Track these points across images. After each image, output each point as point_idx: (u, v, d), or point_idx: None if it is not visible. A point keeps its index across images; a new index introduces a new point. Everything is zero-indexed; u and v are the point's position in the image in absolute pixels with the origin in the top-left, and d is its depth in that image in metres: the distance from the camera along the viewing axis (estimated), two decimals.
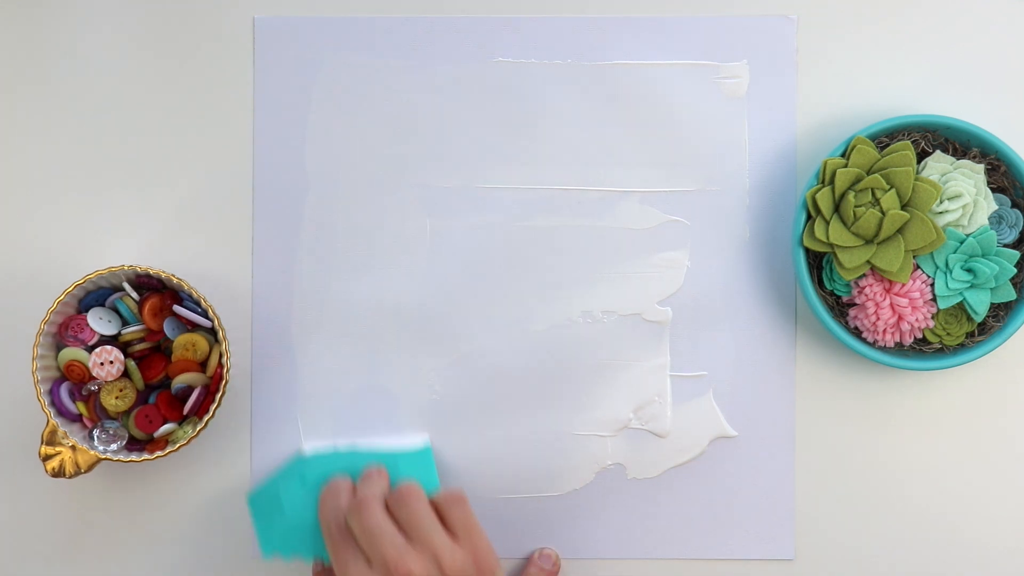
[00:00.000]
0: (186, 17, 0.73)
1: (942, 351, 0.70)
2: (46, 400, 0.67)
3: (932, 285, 0.69)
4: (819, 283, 0.70)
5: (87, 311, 0.69)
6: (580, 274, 0.72)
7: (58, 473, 0.68)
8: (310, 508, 0.67)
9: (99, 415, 0.69)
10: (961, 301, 0.69)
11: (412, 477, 0.68)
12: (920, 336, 0.70)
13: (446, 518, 0.64)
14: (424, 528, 0.63)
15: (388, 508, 0.64)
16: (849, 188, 0.68)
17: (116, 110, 0.73)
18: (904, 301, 0.68)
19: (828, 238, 0.68)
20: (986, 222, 0.69)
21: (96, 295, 0.69)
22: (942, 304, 0.69)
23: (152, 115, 0.73)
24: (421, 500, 0.64)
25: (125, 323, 0.70)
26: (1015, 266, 0.69)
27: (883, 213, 0.68)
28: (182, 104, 0.73)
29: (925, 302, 0.69)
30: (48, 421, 0.68)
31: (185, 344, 0.69)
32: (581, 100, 0.72)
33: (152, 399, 0.70)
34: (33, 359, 0.67)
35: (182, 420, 0.70)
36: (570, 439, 0.72)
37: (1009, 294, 0.69)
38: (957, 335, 0.70)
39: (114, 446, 0.69)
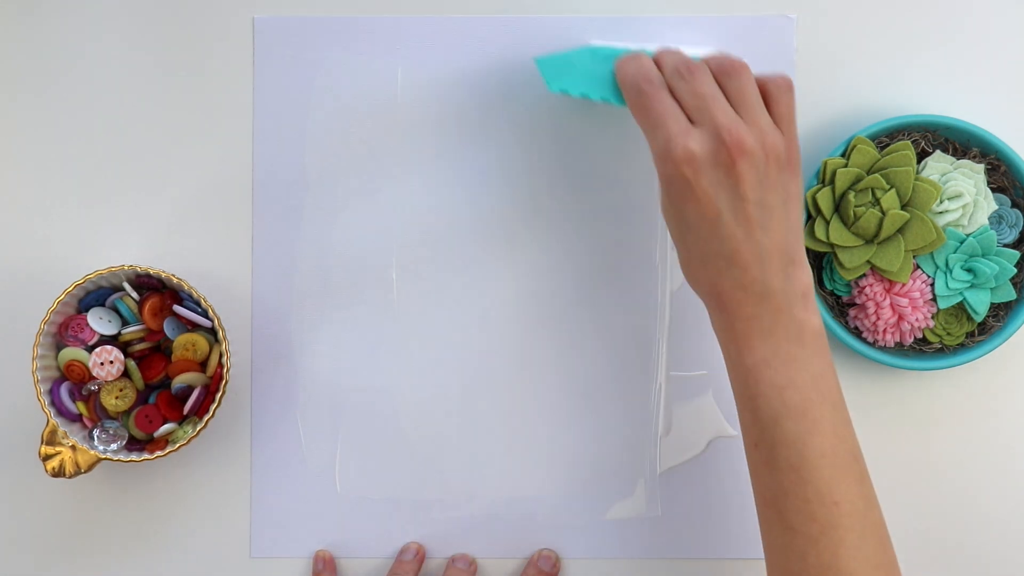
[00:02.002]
0: (186, 17, 0.73)
1: (942, 351, 0.70)
2: (46, 400, 0.67)
3: (932, 285, 0.69)
4: (819, 283, 0.70)
5: (87, 311, 0.69)
6: (581, 275, 0.72)
7: (58, 473, 0.68)
8: (602, 68, 0.65)
9: (99, 415, 0.69)
10: (961, 301, 0.69)
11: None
12: (920, 336, 0.70)
13: (772, 103, 0.62)
14: (753, 105, 0.61)
15: (715, 76, 0.63)
16: (849, 188, 0.68)
17: (116, 110, 0.73)
18: (904, 301, 0.68)
19: (828, 238, 0.68)
20: (986, 222, 0.69)
21: (96, 295, 0.69)
22: (942, 304, 0.69)
23: (152, 115, 0.73)
24: (751, 78, 0.63)
25: (125, 323, 0.70)
26: (1015, 266, 0.69)
27: (883, 213, 0.68)
28: (182, 104, 0.73)
29: (925, 302, 0.69)
30: (48, 421, 0.68)
31: (185, 344, 0.69)
32: (581, 99, 0.72)
33: (152, 399, 0.70)
34: (33, 359, 0.67)
35: (182, 420, 0.70)
36: (571, 439, 0.72)
37: (1009, 294, 0.69)
38: (957, 335, 0.70)
39: (114, 446, 0.69)
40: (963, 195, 0.68)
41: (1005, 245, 0.70)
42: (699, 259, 0.61)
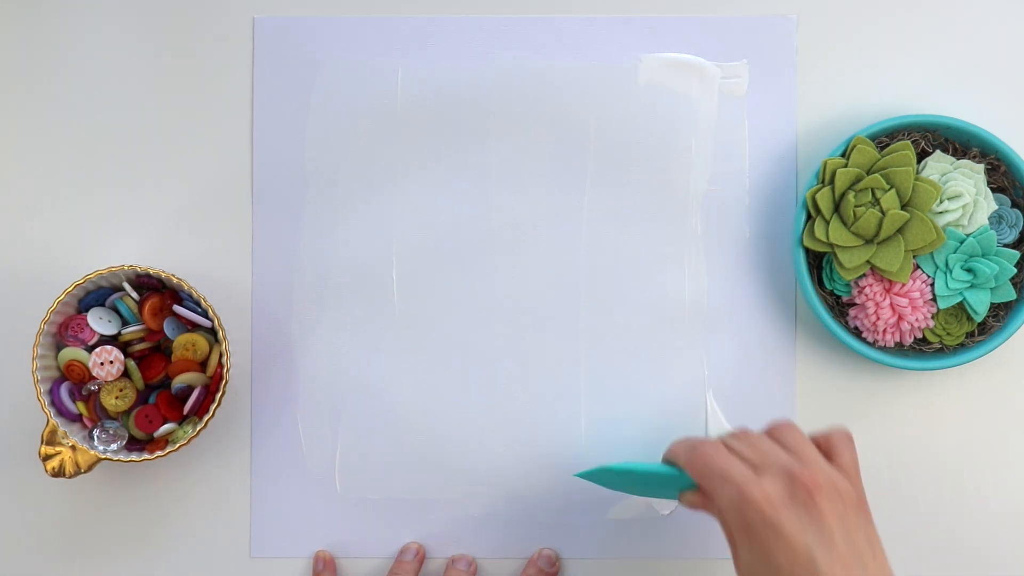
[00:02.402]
0: (186, 17, 0.73)
1: (942, 351, 0.70)
2: (46, 400, 0.67)
3: (932, 285, 0.69)
4: (819, 283, 0.70)
5: (87, 311, 0.69)
6: (582, 275, 0.72)
7: (58, 473, 0.68)
8: (639, 470, 0.65)
9: (99, 415, 0.69)
10: (961, 301, 0.69)
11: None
12: (920, 336, 0.70)
13: (836, 456, 0.61)
14: (812, 455, 0.60)
15: (770, 435, 0.62)
16: (849, 188, 0.68)
17: (116, 110, 0.73)
18: (904, 301, 0.68)
19: (828, 238, 0.68)
20: (986, 222, 0.69)
21: (96, 295, 0.69)
22: (942, 304, 0.69)
23: (152, 115, 0.73)
24: (801, 431, 0.62)
25: (125, 323, 0.70)
26: (1015, 266, 0.69)
27: (883, 213, 0.68)
28: (182, 104, 0.73)
29: (925, 302, 0.69)
30: (48, 421, 0.68)
31: (185, 344, 0.69)
32: (582, 99, 0.72)
33: (152, 399, 0.70)
34: (33, 359, 0.67)
35: (182, 420, 0.70)
36: (571, 439, 0.72)
37: (1009, 294, 0.69)
38: (957, 335, 0.70)
39: (114, 446, 0.69)
40: (963, 195, 0.68)
41: (1005, 245, 0.70)
42: None
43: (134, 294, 0.69)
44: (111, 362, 0.68)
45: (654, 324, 0.72)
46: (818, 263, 0.70)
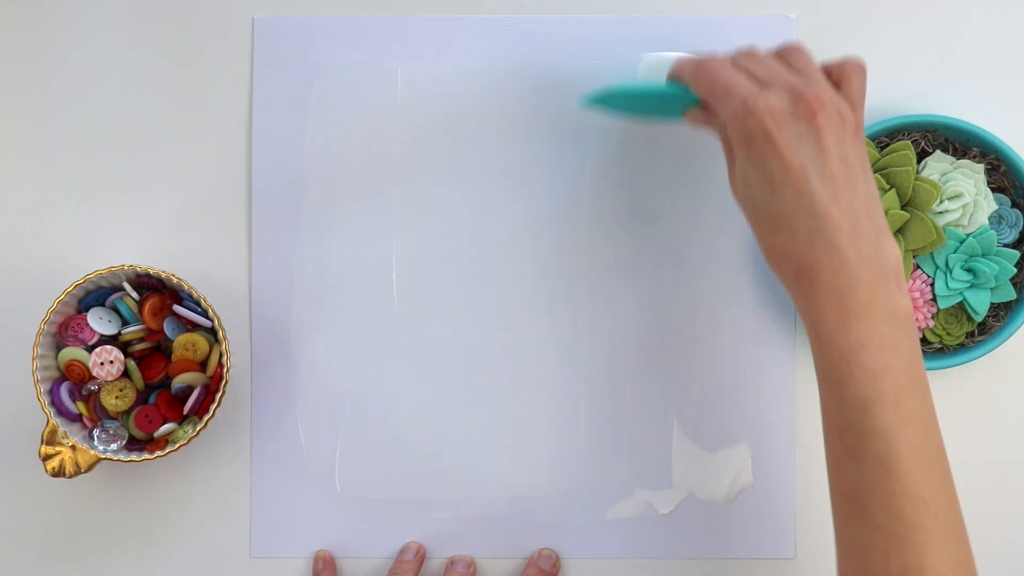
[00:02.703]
0: (186, 17, 0.73)
1: (942, 351, 0.70)
2: (46, 400, 0.67)
3: (932, 285, 0.69)
4: None
5: (87, 311, 0.69)
6: (583, 275, 0.72)
7: (58, 473, 0.68)
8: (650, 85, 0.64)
9: (99, 415, 0.69)
10: (961, 301, 0.69)
11: None
12: (920, 336, 0.70)
13: (845, 84, 0.61)
14: (819, 79, 0.60)
15: (781, 56, 0.62)
16: None
17: (116, 110, 0.73)
18: None
19: None
20: (986, 222, 0.69)
21: (96, 295, 0.69)
22: (942, 304, 0.69)
23: (152, 115, 0.73)
24: (811, 56, 0.61)
25: (125, 323, 0.70)
26: (1015, 266, 0.69)
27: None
28: (182, 104, 0.73)
29: (925, 302, 0.69)
30: (48, 421, 0.68)
31: (185, 344, 0.69)
32: (577, 101, 0.72)
33: (152, 399, 0.70)
34: (33, 359, 0.67)
35: (182, 420, 0.70)
36: (571, 439, 0.72)
37: (1009, 294, 0.69)
38: (957, 335, 0.70)
39: (114, 446, 0.69)
40: (963, 195, 0.68)
41: (1005, 245, 0.70)
42: (786, 226, 0.57)
43: (134, 294, 0.69)
44: (111, 362, 0.68)
45: (654, 324, 0.72)
46: None
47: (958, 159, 0.69)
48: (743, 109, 0.58)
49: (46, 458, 0.68)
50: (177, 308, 0.69)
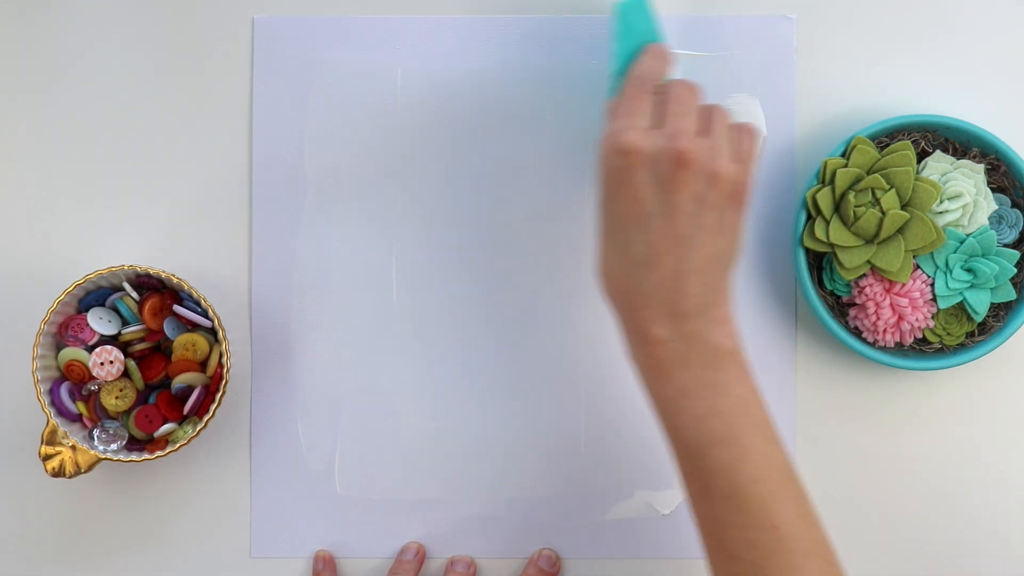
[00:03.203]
0: (186, 18, 0.73)
1: (942, 351, 0.70)
2: (46, 400, 0.67)
3: (932, 285, 0.69)
4: (819, 283, 0.70)
5: (87, 311, 0.69)
6: (584, 275, 0.72)
7: (58, 473, 0.68)
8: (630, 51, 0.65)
9: (99, 415, 0.69)
10: (961, 301, 0.69)
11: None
12: (920, 336, 0.70)
13: (739, 139, 0.62)
14: (723, 134, 0.60)
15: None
16: (849, 188, 0.68)
17: (116, 110, 0.73)
18: (904, 301, 0.68)
19: (828, 238, 0.68)
20: (986, 222, 0.69)
21: (96, 295, 0.69)
22: (942, 304, 0.69)
23: (152, 115, 0.73)
24: (728, 116, 0.62)
25: (125, 323, 0.70)
26: (1015, 266, 0.69)
27: (883, 213, 0.68)
28: (182, 104, 0.73)
29: (925, 302, 0.69)
30: (48, 421, 0.68)
31: (185, 344, 0.69)
32: (581, 99, 0.72)
33: (152, 399, 0.70)
34: (33, 359, 0.67)
35: (182, 420, 0.70)
36: (571, 439, 0.72)
37: (1009, 294, 0.69)
38: (957, 335, 0.70)
39: (114, 446, 0.69)
40: (963, 195, 0.68)
41: (1005, 245, 0.70)
42: (617, 261, 0.60)
43: (134, 294, 0.69)
44: (111, 362, 0.68)
45: None
46: (818, 263, 0.70)
47: (958, 159, 0.69)
48: (612, 136, 0.60)
49: (46, 458, 0.68)
50: (177, 308, 0.69)
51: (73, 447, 0.68)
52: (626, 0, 0.66)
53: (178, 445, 0.68)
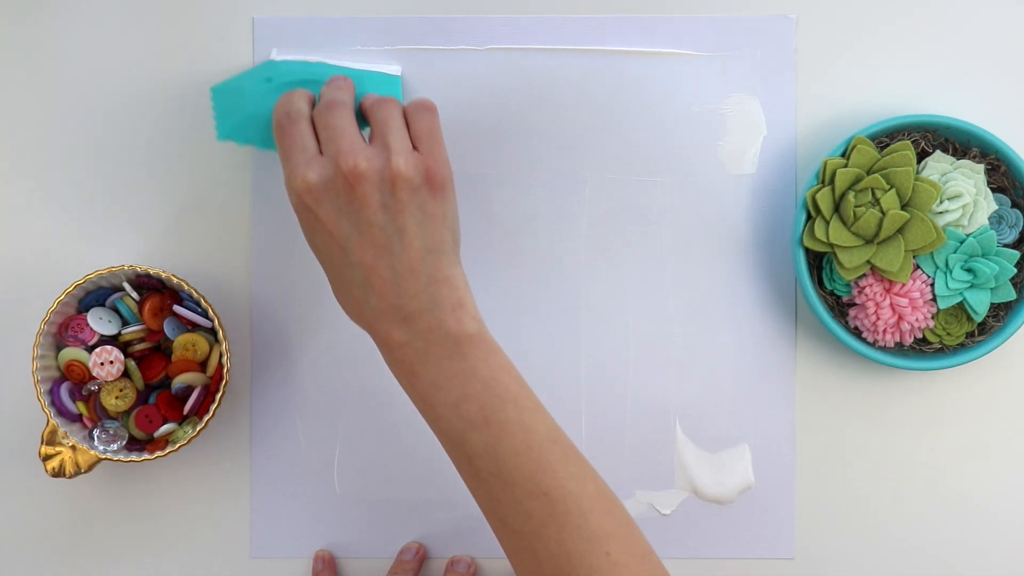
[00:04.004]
0: (186, 17, 0.73)
1: (942, 351, 0.70)
2: (46, 400, 0.67)
3: (932, 285, 0.69)
4: (819, 283, 0.70)
5: (87, 311, 0.69)
6: (584, 275, 0.72)
7: (58, 473, 0.68)
8: (271, 104, 0.67)
9: (99, 415, 0.69)
10: (961, 301, 0.69)
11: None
12: (920, 336, 0.70)
13: (412, 125, 0.63)
14: (393, 131, 0.62)
15: (362, 110, 0.64)
16: (849, 188, 0.68)
17: (116, 110, 0.73)
18: (904, 301, 0.68)
19: (828, 238, 0.68)
20: (986, 222, 0.69)
21: (96, 295, 0.69)
22: (942, 304, 0.69)
23: (152, 115, 0.73)
24: (397, 107, 0.63)
25: (125, 323, 0.70)
26: (1015, 266, 0.69)
27: (883, 213, 0.68)
28: (182, 104, 0.73)
29: (925, 302, 0.69)
30: (48, 421, 0.68)
31: (185, 344, 0.69)
32: (581, 98, 0.72)
33: (152, 399, 0.70)
34: (33, 359, 0.67)
35: (182, 420, 0.70)
36: (574, 439, 0.72)
37: (1009, 294, 0.69)
38: (957, 335, 0.70)
39: (114, 446, 0.69)
40: (963, 195, 0.68)
41: (1005, 245, 0.70)
42: (342, 288, 0.61)
43: (134, 294, 0.69)
44: (111, 362, 0.68)
45: (654, 325, 0.72)
46: (818, 263, 0.70)
47: (958, 159, 0.69)
48: (288, 181, 0.61)
49: (46, 458, 0.68)
50: (177, 308, 0.69)
51: (73, 447, 0.68)
52: (219, 85, 0.69)
53: (178, 445, 0.68)
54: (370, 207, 0.60)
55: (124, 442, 0.69)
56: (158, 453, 0.68)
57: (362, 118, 0.65)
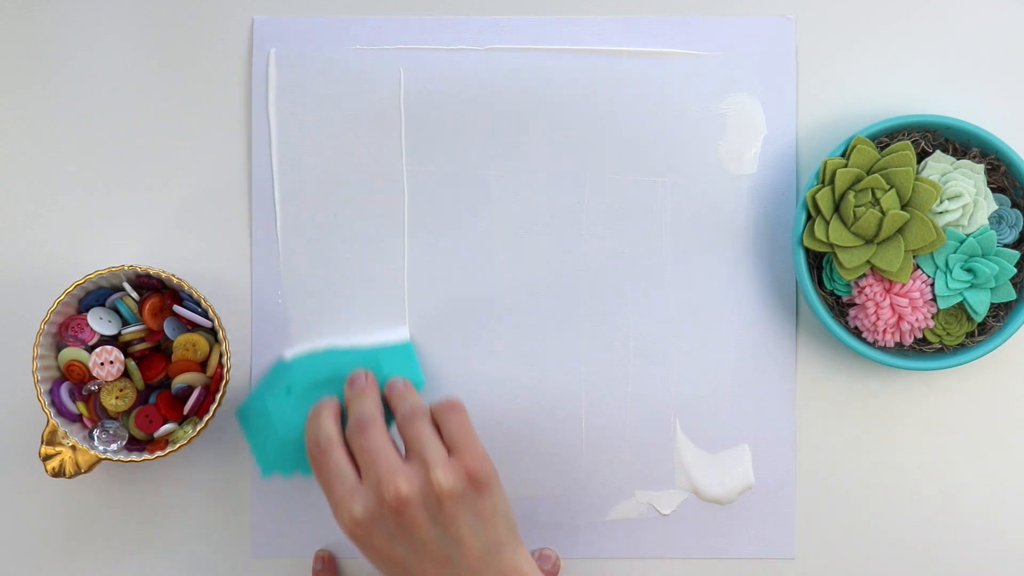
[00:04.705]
0: (185, 18, 0.73)
1: (942, 351, 0.70)
2: (46, 400, 0.67)
3: (932, 285, 0.69)
4: (819, 283, 0.70)
5: (87, 311, 0.69)
6: (586, 275, 0.72)
7: (58, 473, 0.68)
8: (300, 422, 0.67)
9: (99, 415, 0.69)
10: (961, 301, 0.69)
11: (397, 374, 0.68)
12: (920, 336, 0.70)
13: (443, 427, 0.63)
14: (425, 444, 0.62)
15: (396, 421, 0.64)
16: (849, 188, 0.68)
17: (116, 111, 0.73)
18: (904, 301, 0.68)
19: (828, 238, 0.68)
20: (986, 222, 0.69)
21: (96, 295, 0.69)
22: (942, 304, 0.69)
23: (152, 115, 0.73)
24: (424, 416, 0.64)
25: (125, 323, 0.70)
26: (1015, 266, 0.69)
27: (883, 213, 0.68)
28: (181, 104, 0.73)
29: (925, 302, 0.69)
30: (48, 421, 0.68)
31: (185, 344, 0.69)
32: (581, 98, 0.72)
33: (152, 399, 0.70)
34: (33, 359, 0.67)
35: (182, 420, 0.70)
36: (574, 439, 0.72)
37: (1009, 294, 0.69)
38: (957, 335, 0.70)
39: (114, 446, 0.69)
40: (963, 195, 0.68)
41: (1005, 245, 0.70)
42: None
43: (134, 294, 0.69)
44: (111, 362, 0.68)
45: (654, 326, 0.72)
46: (818, 263, 0.70)
47: (958, 159, 0.69)
48: (336, 517, 0.62)
49: (46, 458, 0.68)
50: (177, 308, 0.69)
51: (73, 447, 0.68)
52: (242, 406, 0.69)
53: (178, 445, 0.68)
54: (421, 526, 0.60)
55: (124, 442, 0.69)
56: (158, 453, 0.68)
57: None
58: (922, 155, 0.70)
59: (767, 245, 0.72)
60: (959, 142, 0.70)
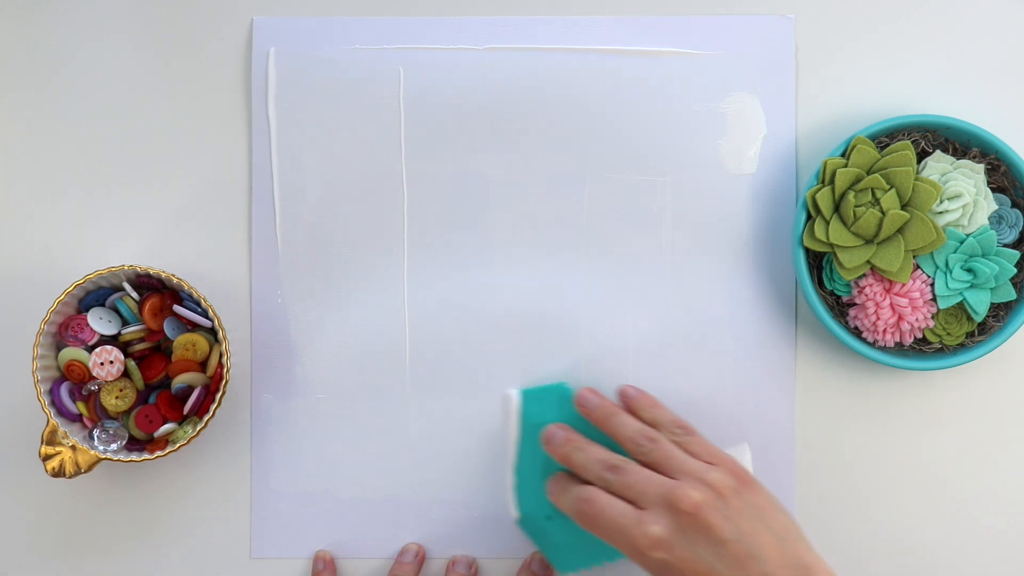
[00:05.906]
0: (185, 18, 0.73)
1: (942, 351, 0.70)
2: (46, 400, 0.67)
3: (932, 285, 0.69)
4: (819, 283, 0.70)
5: (87, 311, 0.69)
6: (585, 274, 0.72)
7: (58, 473, 0.68)
8: (566, 525, 0.66)
9: (99, 415, 0.70)
10: (961, 301, 0.69)
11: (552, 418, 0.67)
12: (920, 336, 0.70)
13: (689, 452, 0.64)
14: (680, 461, 0.63)
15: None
16: (849, 188, 0.68)
17: (115, 111, 0.73)
18: (904, 301, 0.68)
19: (828, 238, 0.68)
20: (986, 222, 0.69)
21: (96, 295, 0.69)
22: (942, 304, 0.69)
23: (151, 116, 0.73)
24: (664, 438, 0.64)
25: (125, 323, 0.70)
26: (1015, 266, 0.69)
27: (883, 213, 0.68)
28: (181, 105, 0.73)
29: (925, 302, 0.69)
30: (48, 421, 0.68)
31: (185, 344, 0.69)
32: (581, 98, 0.72)
33: (152, 399, 0.70)
34: (33, 359, 0.67)
35: (182, 420, 0.70)
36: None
37: (1009, 294, 0.69)
38: (957, 335, 0.70)
39: (114, 446, 0.69)
40: (963, 195, 0.68)
41: (1005, 245, 0.70)
42: None
43: (134, 294, 0.69)
44: (111, 362, 0.68)
45: (654, 325, 0.72)
46: (818, 263, 0.70)
47: (958, 159, 0.69)
48: (634, 548, 0.61)
49: (46, 458, 0.68)
50: (177, 308, 0.69)
51: (73, 447, 0.68)
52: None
53: (178, 445, 0.68)
54: (717, 526, 0.60)
55: (124, 442, 0.69)
56: (158, 453, 0.68)
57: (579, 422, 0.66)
58: (922, 155, 0.70)
59: (767, 245, 0.72)
60: (959, 142, 0.70)
